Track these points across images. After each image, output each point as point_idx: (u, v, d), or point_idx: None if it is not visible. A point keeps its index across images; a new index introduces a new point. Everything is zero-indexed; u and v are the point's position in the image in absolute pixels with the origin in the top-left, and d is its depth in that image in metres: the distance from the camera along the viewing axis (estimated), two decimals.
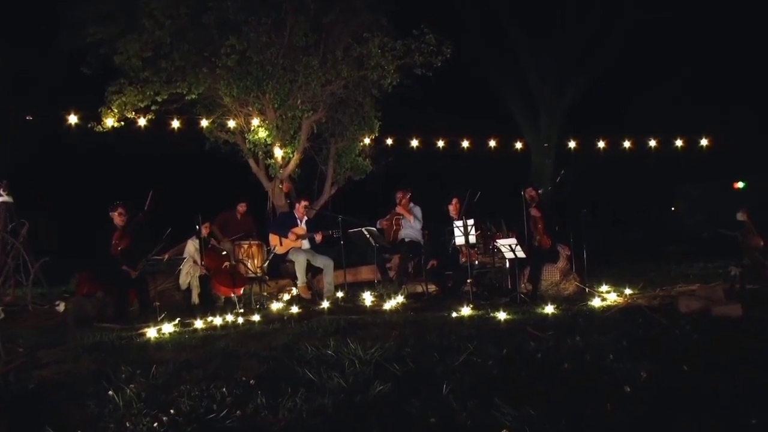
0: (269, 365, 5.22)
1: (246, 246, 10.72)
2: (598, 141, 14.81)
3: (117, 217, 9.08)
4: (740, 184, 20.11)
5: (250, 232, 11.40)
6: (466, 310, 7.80)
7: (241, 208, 11.70)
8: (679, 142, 15.10)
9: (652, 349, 5.29)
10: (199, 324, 7.81)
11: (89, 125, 10.97)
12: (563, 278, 9.12)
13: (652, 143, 14.98)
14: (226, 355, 5.83)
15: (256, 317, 8.24)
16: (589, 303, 8.07)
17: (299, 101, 11.05)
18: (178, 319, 8.28)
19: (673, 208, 23.40)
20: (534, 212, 8.93)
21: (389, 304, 8.68)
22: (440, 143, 13.91)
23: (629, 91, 21.06)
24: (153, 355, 6.08)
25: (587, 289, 9.05)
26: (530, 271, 8.94)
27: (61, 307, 8.06)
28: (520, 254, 8.35)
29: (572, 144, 15.12)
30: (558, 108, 18.56)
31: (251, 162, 12.28)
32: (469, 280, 8.91)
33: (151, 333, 7.25)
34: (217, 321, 8.07)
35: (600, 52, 18.09)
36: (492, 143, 14.54)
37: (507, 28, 18.14)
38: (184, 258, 9.09)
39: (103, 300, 9.01)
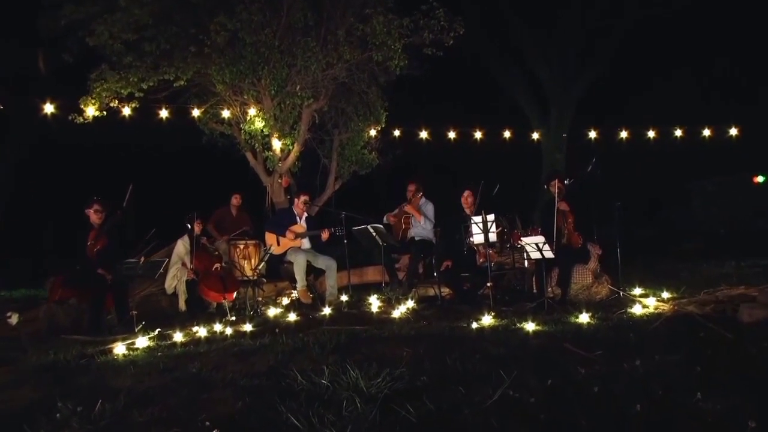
0: (245, 402, 3.90)
1: (242, 246, 9.45)
2: (618, 132, 13.46)
3: (93, 215, 7.80)
4: (760, 178, 18.70)
5: (247, 230, 10.12)
6: (487, 319, 6.49)
7: (235, 200, 10.43)
8: (695, 133, 13.68)
9: (735, 377, 3.96)
10: (179, 337, 6.51)
11: (70, 117, 9.64)
12: (595, 281, 7.77)
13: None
14: (197, 382, 4.52)
15: (247, 326, 6.97)
16: (629, 310, 6.73)
17: (298, 87, 9.69)
18: (158, 329, 7.02)
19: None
20: (563, 206, 7.53)
21: (398, 311, 7.38)
22: (451, 134, 12.52)
23: (639, 83, 19.71)
24: (110, 380, 4.79)
25: (622, 293, 7.71)
26: (559, 273, 7.57)
27: (14, 319, 6.75)
28: (548, 254, 6.99)
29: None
30: (568, 100, 17.22)
31: (249, 155, 10.94)
32: (489, 284, 7.55)
33: (119, 349, 5.95)
34: (202, 332, 6.78)
35: (607, 42, 16.71)
36: (506, 135, 13.19)
37: (510, 21, 16.75)
38: (165, 260, 7.75)
39: (78, 307, 7.74)
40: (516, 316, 6.68)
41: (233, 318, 7.82)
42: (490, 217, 7.50)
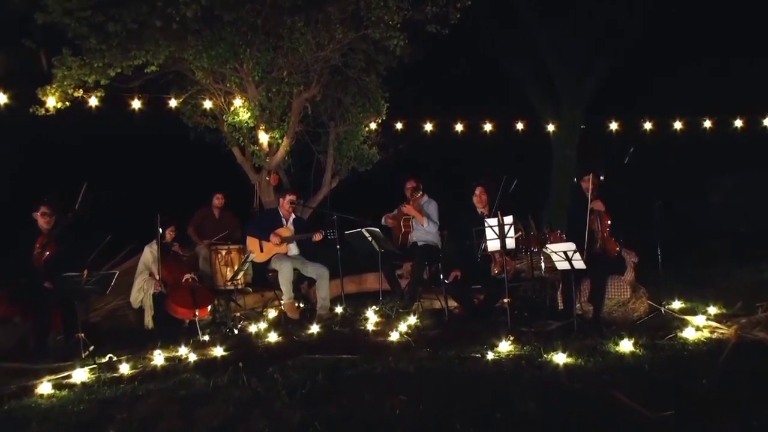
0: None
1: (224, 251, 8.04)
2: (638, 125, 12.01)
3: (40, 219, 6.42)
4: None
5: (229, 234, 8.72)
6: (504, 346, 5.07)
7: (217, 201, 9.03)
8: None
9: None
10: (125, 368, 5.13)
11: (30, 110, 8.24)
12: (633, 295, 6.30)
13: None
14: None
15: (218, 350, 5.62)
16: (679, 334, 5.28)
17: (285, 73, 8.28)
18: (109, 355, 5.66)
19: None
20: (597, 205, 6.03)
21: (397, 333, 5.97)
22: (459, 127, 11.06)
23: (651, 73, 18.06)
24: None
25: (663, 310, 6.26)
26: (591, 286, 6.10)
27: None
28: (579, 264, 5.54)
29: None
30: (580, 94, 15.73)
31: (235, 151, 9.47)
32: (506, 300, 6.09)
33: (44, 387, 4.56)
34: (159, 360, 5.41)
35: (623, 31, 15.14)
36: (514, 130, 11.74)
37: (518, 7, 15.20)
38: (115, 273, 6.34)
39: (23, 327, 6.38)
40: (540, 340, 5.27)
41: (205, 338, 6.47)
42: (508, 219, 6.04)
